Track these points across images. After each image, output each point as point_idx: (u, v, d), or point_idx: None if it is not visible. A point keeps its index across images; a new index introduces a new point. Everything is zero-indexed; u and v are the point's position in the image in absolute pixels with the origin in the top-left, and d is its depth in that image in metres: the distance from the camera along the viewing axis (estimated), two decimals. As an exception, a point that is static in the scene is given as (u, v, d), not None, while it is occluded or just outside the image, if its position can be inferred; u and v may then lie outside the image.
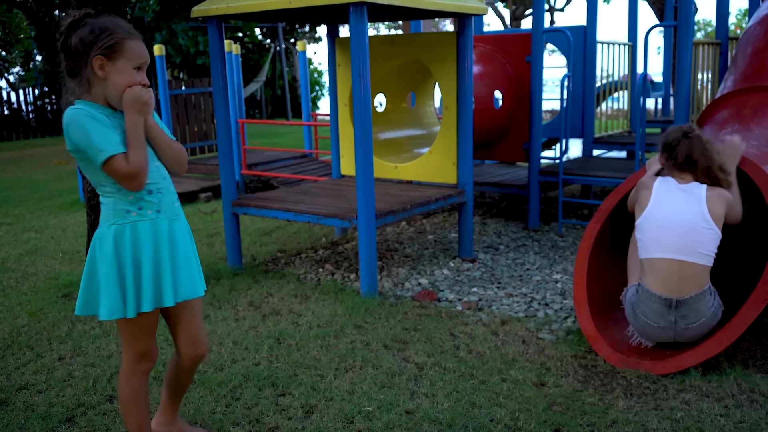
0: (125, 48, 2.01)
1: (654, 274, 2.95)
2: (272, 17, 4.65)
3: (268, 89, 20.70)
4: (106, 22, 2.02)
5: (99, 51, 1.98)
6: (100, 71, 2.00)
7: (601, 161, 6.25)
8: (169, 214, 2.12)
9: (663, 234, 2.94)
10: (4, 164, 11.11)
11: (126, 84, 2.01)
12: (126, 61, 2.01)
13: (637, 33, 7.23)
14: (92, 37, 1.98)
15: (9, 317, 3.77)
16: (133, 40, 2.03)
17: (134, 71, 2.03)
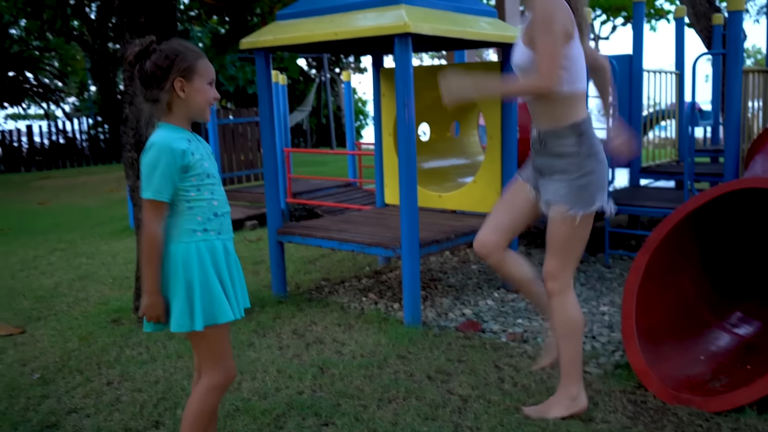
0: (199, 67, 2.14)
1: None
2: (318, 48, 4.73)
3: (313, 118, 20.99)
4: (176, 46, 2.15)
5: (178, 74, 2.11)
6: (182, 92, 2.12)
7: (649, 191, 6.15)
8: (227, 236, 2.23)
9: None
10: (59, 191, 11.45)
11: (205, 100, 2.17)
12: (201, 80, 2.15)
13: (684, 61, 7.14)
14: (168, 62, 2.10)
15: (60, 341, 3.86)
16: (203, 59, 2.17)
17: (209, 87, 2.18)
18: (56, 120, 19.61)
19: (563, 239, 2.68)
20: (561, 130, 2.65)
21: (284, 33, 4.20)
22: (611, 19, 26.05)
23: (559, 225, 2.67)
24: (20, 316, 4.39)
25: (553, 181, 2.68)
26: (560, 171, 2.65)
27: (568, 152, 2.64)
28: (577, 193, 2.63)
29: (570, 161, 2.63)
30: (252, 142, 8.86)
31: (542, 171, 2.75)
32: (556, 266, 2.72)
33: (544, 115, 2.69)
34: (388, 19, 3.78)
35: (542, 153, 2.73)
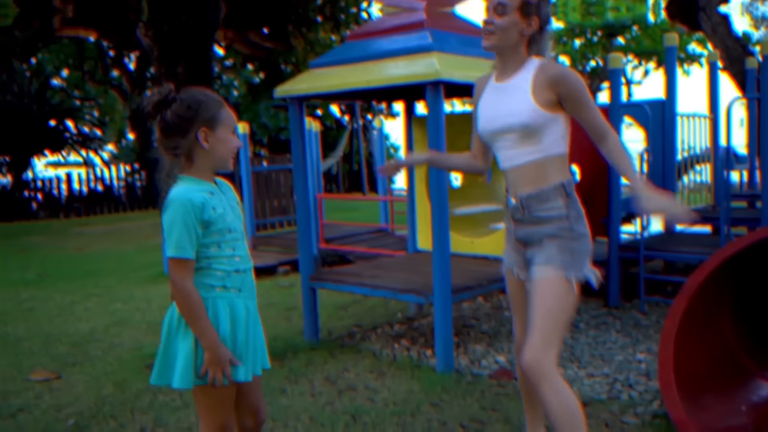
0: (222, 117, 2.10)
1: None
2: (351, 96, 4.81)
3: (345, 165, 21.19)
4: (197, 95, 2.09)
5: (201, 124, 2.06)
6: (205, 143, 2.07)
7: (685, 236, 6.06)
8: (249, 294, 2.20)
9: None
10: (96, 238, 11.66)
11: (229, 150, 2.13)
12: (225, 129, 2.11)
13: (719, 105, 7.09)
14: (191, 113, 2.05)
15: (95, 387, 3.89)
16: (225, 108, 2.14)
17: (232, 136, 2.14)
18: (94, 168, 20.09)
19: (554, 308, 2.35)
20: (548, 193, 2.42)
21: (318, 81, 4.28)
22: (643, 63, 26.06)
23: (550, 290, 2.36)
24: (56, 361, 4.44)
25: (543, 246, 2.41)
26: (550, 236, 2.40)
27: (557, 216, 2.40)
28: (570, 257, 2.39)
29: (560, 225, 2.40)
30: (285, 189, 8.96)
31: (527, 241, 2.49)
32: (541, 340, 2.31)
33: (526, 179, 2.46)
34: (420, 67, 3.83)
35: (525, 221, 2.47)
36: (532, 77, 2.41)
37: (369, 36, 4.52)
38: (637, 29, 23.64)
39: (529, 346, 2.32)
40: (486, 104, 2.56)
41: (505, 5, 2.39)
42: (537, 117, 2.40)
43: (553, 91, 2.39)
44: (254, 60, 16.58)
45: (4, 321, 5.59)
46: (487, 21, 2.41)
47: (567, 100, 2.40)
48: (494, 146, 2.58)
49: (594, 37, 24.48)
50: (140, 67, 18.44)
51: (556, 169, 2.45)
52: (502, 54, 2.48)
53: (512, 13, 2.39)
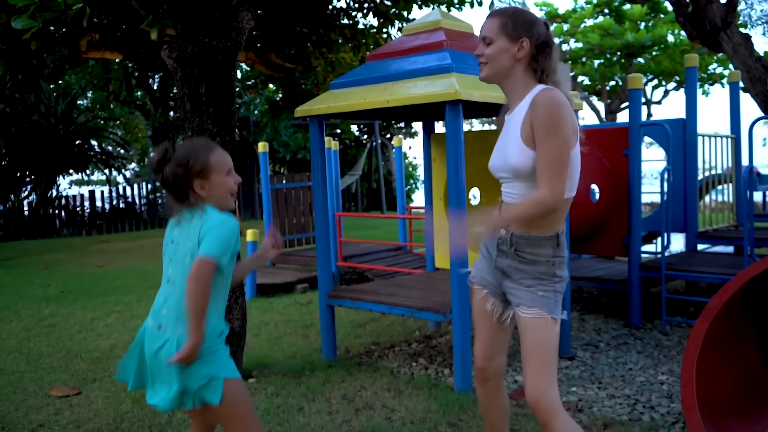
0: (212, 163, 2.25)
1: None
2: (371, 115, 4.84)
3: (363, 183, 21.25)
4: (187, 150, 2.27)
5: (195, 177, 2.24)
6: (202, 191, 2.25)
7: (707, 256, 6.00)
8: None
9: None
10: (117, 255, 11.76)
11: (227, 191, 2.29)
12: (218, 174, 2.26)
13: (740, 125, 7.04)
14: (182, 169, 2.23)
15: (114, 403, 3.91)
16: (214, 153, 2.28)
17: (227, 177, 2.29)
18: (117, 185, 20.32)
19: (546, 347, 2.35)
20: (540, 240, 2.36)
21: (338, 101, 4.32)
22: (663, 83, 25.96)
23: (540, 332, 2.35)
24: (77, 377, 4.48)
25: (524, 286, 2.39)
26: (532, 277, 2.37)
27: (543, 261, 2.37)
28: (552, 298, 2.37)
29: (544, 270, 2.36)
30: (304, 206, 9.00)
31: (507, 273, 2.45)
32: (544, 381, 2.32)
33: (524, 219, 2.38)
34: (440, 86, 3.86)
35: (509, 256, 2.42)
36: (526, 109, 2.30)
37: (389, 56, 4.56)
38: (657, 49, 23.57)
39: (532, 387, 2.33)
40: (498, 140, 2.47)
41: (490, 35, 2.36)
42: (524, 158, 2.28)
43: (529, 121, 2.26)
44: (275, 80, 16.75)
45: (26, 337, 5.65)
46: (478, 54, 2.39)
47: (534, 129, 2.24)
48: (499, 181, 2.50)
49: (614, 57, 24.44)
50: (163, 88, 18.69)
51: (552, 218, 2.34)
52: (500, 84, 2.43)
53: (499, 40, 2.34)
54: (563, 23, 25.71)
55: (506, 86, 2.42)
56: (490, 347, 2.60)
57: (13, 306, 7.07)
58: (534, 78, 2.36)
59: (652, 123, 6.10)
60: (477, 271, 2.61)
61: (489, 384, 2.63)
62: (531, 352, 2.37)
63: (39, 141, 16.84)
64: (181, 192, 2.25)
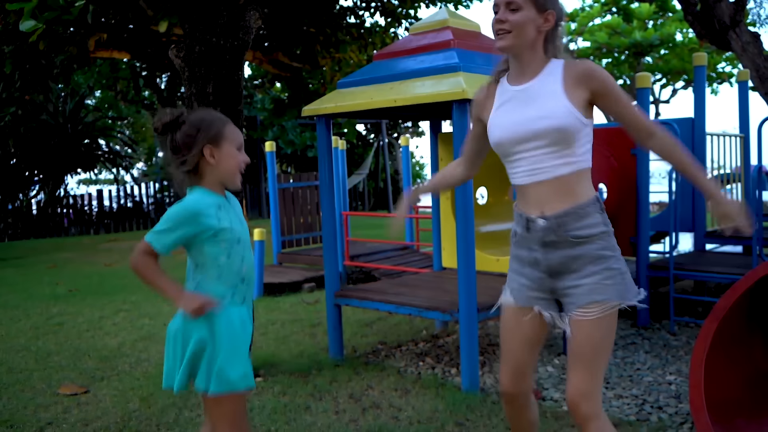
0: (226, 133, 2.19)
1: None
2: (378, 114, 4.84)
3: (371, 182, 21.26)
4: (203, 115, 2.21)
5: (206, 140, 2.16)
6: (212, 158, 2.17)
7: (715, 256, 5.97)
8: (249, 304, 2.29)
9: None
10: (125, 253, 11.80)
11: (235, 164, 2.21)
12: (230, 144, 2.19)
13: (749, 124, 7.01)
14: (196, 131, 2.16)
15: (122, 401, 3.92)
16: (229, 125, 2.22)
17: (238, 152, 2.22)
18: (125, 185, 20.40)
19: (602, 345, 2.13)
20: (585, 207, 2.15)
21: (345, 100, 4.32)
22: (671, 82, 25.87)
23: (600, 328, 2.12)
24: (85, 375, 4.49)
25: (585, 275, 2.14)
26: (593, 259, 2.14)
27: (598, 233, 2.14)
28: (622, 280, 2.16)
29: (603, 244, 2.14)
30: (311, 206, 9.01)
31: (562, 269, 2.19)
32: (590, 383, 2.12)
33: (559, 195, 2.18)
34: (446, 86, 3.85)
35: (560, 244, 2.17)
36: (562, 77, 2.17)
37: (396, 55, 4.56)
38: (665, 48, 23.49)
39: (577, 387, 2.13)
40: (506, 111, 2.26)
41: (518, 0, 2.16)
42: (574, 120, 2.14)
43: (585, 89, 2.15)
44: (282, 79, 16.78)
45: (35, 335, 5.68)
46: (501, 19, 2.17)
47: (602, 97, 2.16)
48: (513, 158, 2.27)
49: (621, 56, 24.37)
50: (171, 87, 18.74)
51: (586, 182, 2.21)
52: (519, 55, 2.22)
53: (527, 8, 2.15)
54: (571, 22, 25.64)
55: (523, 58, 2.22)
56: (520, 372, 2.35)
57: (22, 304, 7.10)
58: (544, 51, 2.23)
59: (660, 122, 6.08)
60: (517, 293, 2.31)
61: (516, 403, 2.40)
62: (583, 353, 2.14)
63: (47, 140, 16.92)
64: (187, 152, 2.15)
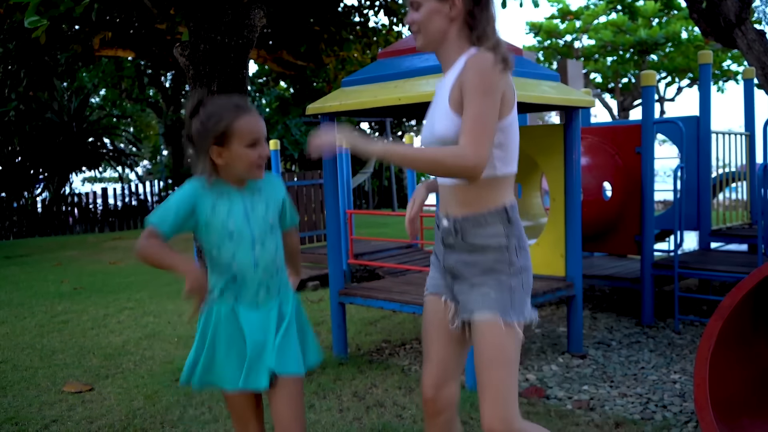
0: (236, 130, 2.01)
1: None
2: (382, 113, 4.83)
3: (375, 180, 21.26)
4: (213, 109, 2.04)
5: (212, 141, 2.02)
6: (219, 159, 2.04)
7: (720, 254, 5.96)
8: (247, 303, 2.12)
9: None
10: (130, 251, 11.81)
11: (247, 164, 2.05)
12: (239, 142, 2.02)
13: (754, 122, 6.99)
14: (203, 128, 2.02)
15: (126, 399, 3.93)
16: (243, 118, 2.03)
17: (250, 149, 2.04)
18: (129, 183, 20.43)
19: (500, 360, 2.00)
20: (485, 216, 2.02)
21: (349, 99, 4.32)
22: (676, 80, 25.81)
23: (493, 342, 2.00)
24: (89, 373, 4.51)
25: (475, 285, 2.04)
26: (484, 270, 2.03)
27: (495, 245, 2.01)
28: (510, 296, 2.02)
29: (497, 257, 2.01)
30: (315, 204, 9.01)
31: (456, 273, 2.10)
32: (503, 403, 1.99)
33: (460, 198, 2.06)
34: (450, 84, 3.84)
35: (457, 248, 2.08)
36: (457, 74, 1.99)
37: (400, 54, 4.55)
38: (670, 46, 23.43)
39: (488, 414, 1.98)
40: (429, 111, 2.16)
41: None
42: (451, 125, 1.97)
43: (459, 85, 1.95)
44: (286, 78, 16.79)
45: (39, 333, 5.69)
46: (409, 21, 2.07)
47: (463, 95, 1.93)
48: None
49: (626, 54, 24.32)
50: (176, 86, 18.78)
51: (494, 191, 2.03)
52: (437, 51, 2.09)
53: (426, 1, 2.02)
54: (576, 20, 25.59)
55: (441, 53, 2.09)
56: (442, 371, 2.18)
57: (27, 302, 7.12)
58: (469, 39, 2.04)
59: (665, 120, 6.07)
60: (430, 280, 2.24)
61: (440, 419, 2.19)
62: (484, 368, 2.01)
63: (52, 138, 16.96)
64: (198, 151, 2.06)
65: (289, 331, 2.16)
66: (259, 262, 2.12)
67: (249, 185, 2.15)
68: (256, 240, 2.11)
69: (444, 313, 2.17)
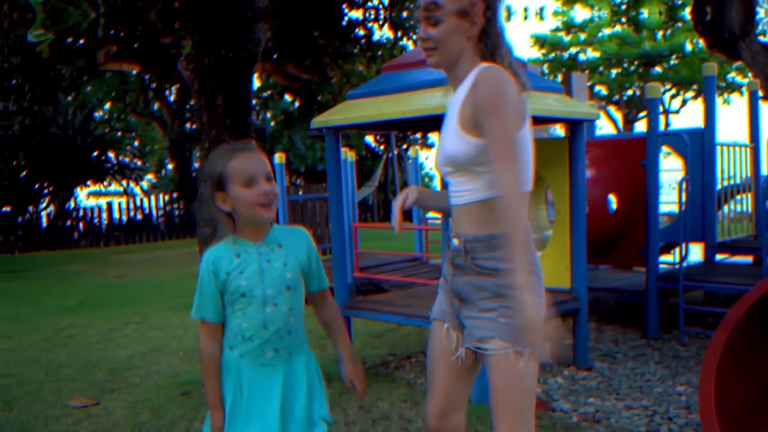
0: (228, 173, 1.97)
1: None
2: (387, 126, 4.85)
3: (380, 194, 21.28)
4: (208, 161, 2.05)
5: (214, 190, 1.99)
6: (225, 204, 2.00)
7: (725, 267, 5.94)
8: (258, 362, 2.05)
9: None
10: (135, 266, 11.84)
11: (248, 203, 1.97)
12: (234, 185, 1.97)
13: (760, 134, 6.99)
14: (204, 183, 2.03)
15: (132, 414, 3.93)
16: (234, 161, 1.98)
17: (246, 189, 1.96)
18: (134, 197, 20.48)
19: (515, 390, 1.90)
20: (498, 239, 1.90)
21: (354, 112, 4.33)
22: (681, 93, 25.83)
23: (502, 373, 1.89)
24: (95, 387, 4.51)
25: (482, 312, 1.93)
26: (494, 295, 1.91)
27: (505, 269, 1.85)
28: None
29: (508, 281, 1.85)
30: (320, 218, 9.03)
31: (464, 296, 1.99)
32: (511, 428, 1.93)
33: (473, 217, 1.96)
34: (454, 97, 3.86)
35: (466, 270, 1.97)
36: (466, 90, 1.92)
37: (405, 67, 4.57)
38: (675, 58, 23.47)
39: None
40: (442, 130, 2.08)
41: (437, 11, 1.91)
42: (460, 145, 1.91)
43: (471, 103, 1.88)
44: (291, 91, 16.87)
45: (45, 348, 5.70)
46: (423, 38, 1.94)
47: (479, 115, 1.85)
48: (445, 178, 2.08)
49: (631, 67, 24.36)
50: (180, 99, 18.86)
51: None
52: (450, 69, 2.00)
53: (447, 19, 1.91)
54: (580, 33, 25.66)
55: (454, 71, 2.00)
56: (448, 401, 2.09)
57: (32, 317, 7.13)
58: (480, 55, 1.97)
59: (670, 133, 6.08)
60: (436, 305, 2.15)
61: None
62: (500, 400, 1.92)
63: (57, 153, 17.04)
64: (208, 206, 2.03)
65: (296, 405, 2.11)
66: (269, 324, 2.04)
67: (268, 239, 2.05)
68: (268, 300, 2.03)
69: (447, 341, 2.07)
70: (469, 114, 1.89)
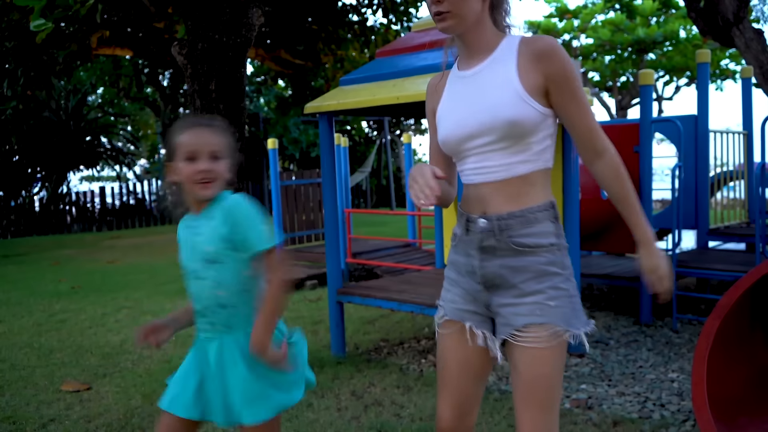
0: (177, 146, 1.97)
1: None
2: (380, 112, 4.83)
3: (373, 179, 21.25)
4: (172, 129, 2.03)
5: (166, 160, 2.03)
6: (172, 176, 2.01)
7: (718, 253, 5.96)
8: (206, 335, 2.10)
9: None
10: (128, 250, 11.81)
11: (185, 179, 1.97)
12: (179, 158, 1.97)
13: (752, 121, 7.00)
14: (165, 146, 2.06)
15: (124, 398, 3.93)
16: (185, 133, 1.97)
17: (186, 163, 1.95)
18: (127, 182, 20.42)
19: (551, 381, 1.79)
20: (535, 212, 1.81)
21: (347, 98, 4.31)
22: (674, 79, 25.83)
23: (546, 360, 1.77)
24: (87, 372, 4.50)
25: (526, 295, 1.78)
26: (537, 275, 1.78)
27: (546, 243, 1.79)
28: (570, 304, 1.80)
29: (550, 258, 1.78)
30: (313, 203, 9.02)
31: (498, 281, 1.83)
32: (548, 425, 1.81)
33: (506, 196, 1.82)
34: (448, 82, 3.84)
35: (500, 251, 1.81)
36: (516, 57, 1.79)
37: (398, 53, 4.55)
38: (669, 45, 23.45)
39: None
40: (452, 102, 1.90)
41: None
42: (529, 111, 1.76)
43: (540, 73, 1.76)
44: (284, 77, 16.79)
45: (37, 332, 5.69)
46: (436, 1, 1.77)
47: (556, 86, 1.76)
48: (462, 156, 1.89)
49: (625, 53, 24.33)
50: (174, 84, 18.75)
51: (544, 185, 1.85)
52: (464, 35, 1.84)
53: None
54: (574, 19, 25.60)
55: (469, 38, 1.84)
56: (465, 403, 1.97)
57: (24, 301, 7.11)
58: (496, 23, 1.87)
59: (663, 119, 6.07)
60: (449, 303, 1.95)
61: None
62: (535, 389, 1.79)
63: (50, 137, 16.95)
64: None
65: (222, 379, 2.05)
66: (197, 296, 2.05)
67: (206, 212, 2.00)
68: (193, 273, 2.03)
69: (473, 343, 1.89)
70: (538, 81, 1.76)
